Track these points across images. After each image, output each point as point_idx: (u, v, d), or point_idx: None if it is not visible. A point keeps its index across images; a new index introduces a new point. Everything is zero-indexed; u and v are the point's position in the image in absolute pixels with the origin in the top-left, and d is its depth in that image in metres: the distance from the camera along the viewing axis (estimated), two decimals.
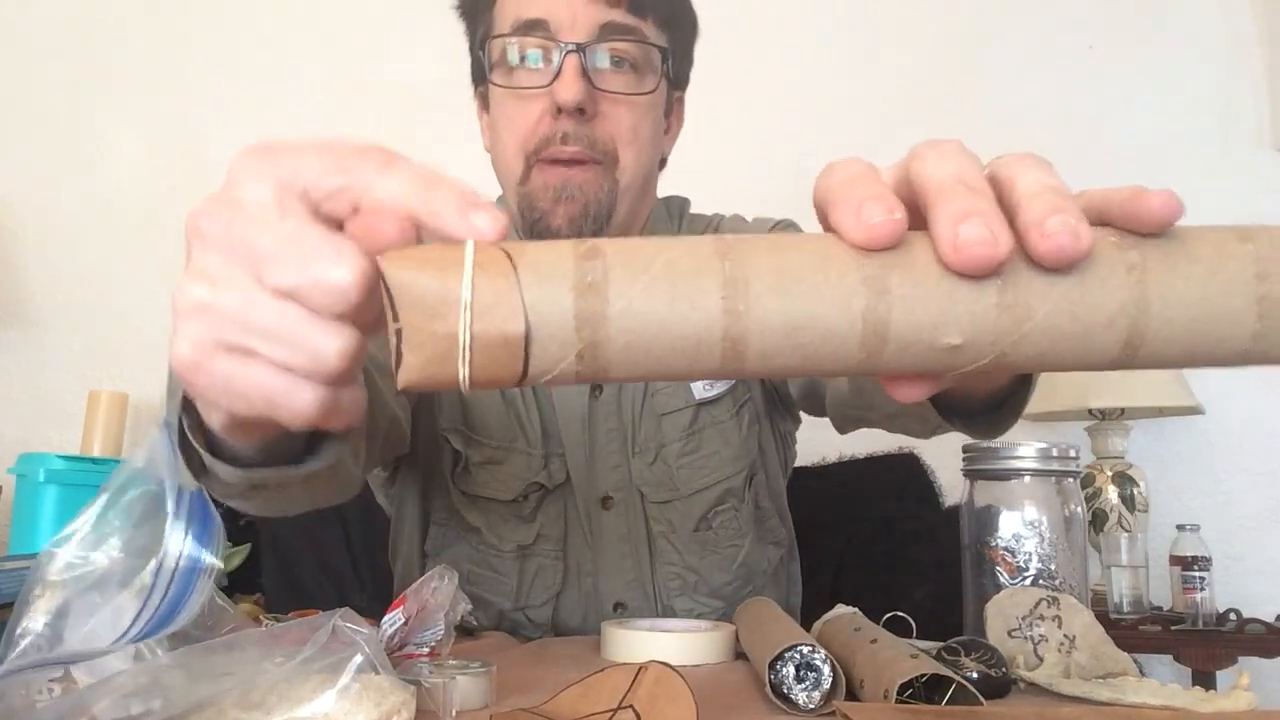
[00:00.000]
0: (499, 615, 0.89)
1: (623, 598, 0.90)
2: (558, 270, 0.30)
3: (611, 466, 0.90)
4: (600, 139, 0.80)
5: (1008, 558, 0.71)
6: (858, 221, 0.30)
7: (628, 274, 0.30)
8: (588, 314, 0.29)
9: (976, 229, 0.29)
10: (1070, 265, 0.30)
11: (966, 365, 0.31)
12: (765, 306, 0.30)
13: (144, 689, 0.37)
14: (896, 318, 0.30)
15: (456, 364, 0.30)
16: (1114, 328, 0.30)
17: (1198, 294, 0.31)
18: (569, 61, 0.77)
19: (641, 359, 0.30)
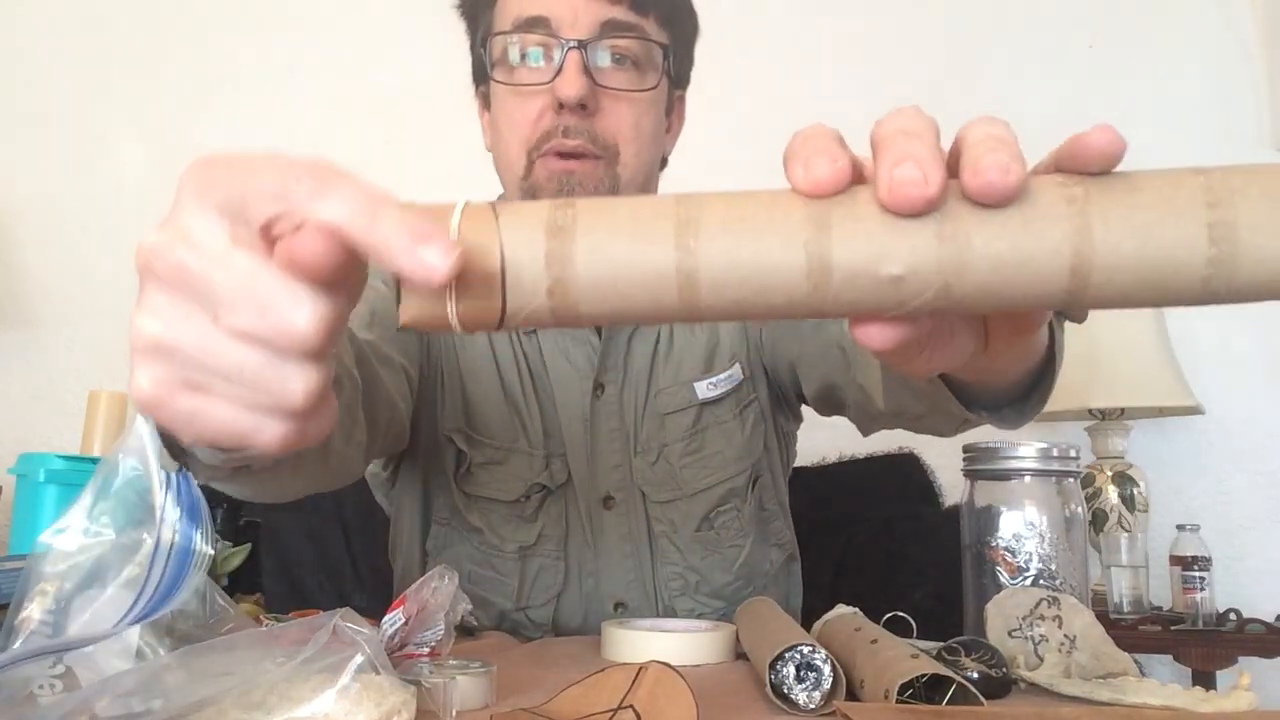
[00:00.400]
0: (500, 615, 0.89)
1: (623, 598, 0.90)
2: (533, 217, 0.33)
3: (613, 466, 0.90)
4: (601, 134, 0.80)
5: (1008, 558, 0.71)
6: (805, 171, 0.32)
7: (593, 218, 0.33)
8: (557, 253, 0.32)
9: (909, 170, 0.31)
10: (1003, 200, 0.31)
11: (913, 299, 0.32)
12: (714, 243, 0.32)
13: (145, 688, 0.37)
14: (838, 249, 0.32)
15: (446, 303, 0.33)
16: (1057, 255, 0.31)
17: (1143, 220, 0.31)
18: (571, 58, 0.77)
19: (607, 295, 0.33)
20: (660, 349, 0.92)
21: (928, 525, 1.29)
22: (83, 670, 0.40)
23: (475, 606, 0.88)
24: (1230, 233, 0.31)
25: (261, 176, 0.34)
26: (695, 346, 0.93)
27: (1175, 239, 0.31)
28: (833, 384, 0.82)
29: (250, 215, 0.34)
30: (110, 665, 0.40)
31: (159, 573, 0.39)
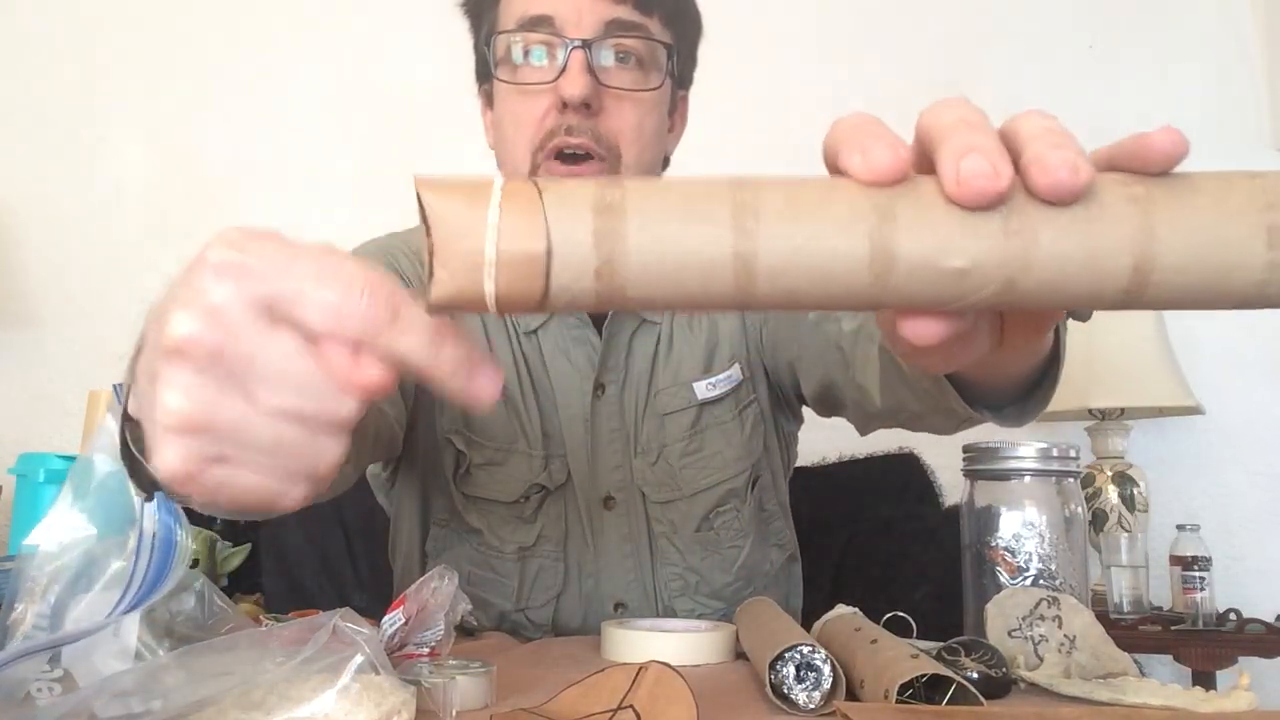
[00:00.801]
0: (499, 616, 0.89)
1: (623, 598, 0.90)
2: (580, 195, 0.31)
3: (613, 466, 0.90)
4: (605, 134, 0.80)
5: (1008, 558, 0.71)
6: (864, 159, 0.31)
7: (644, 197, 0.31)
8: (606, 230, 0.31)
9: (978, 162, 0.30)
10: (1071, 198, 0.31)
11: (975, 294, 0.31)
12: (774, 228, 0.31)
13: (144, 689, 0.37)
14: (903, 240, 0.31)
15: (483, 281, 0.31)
16: (1121, 254, 0.31)
17: (1204, 221, 0.31)
18: (574, 57, 0.77)
19: (657, 278, 0.31)
20: (660, 349, 0.92)
21: (928, 525, 1.29)
22: (81, 672, 0.40)
23: (475, 608, 0.88)
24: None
25: (318, 285, 0.32)
26: (695, 347, 0.93)
27: (1235, 241, 0.31)
28: (831, 383, 0.82)
29: (301, 319, 0.33)
30: (108, 666, 0.40)
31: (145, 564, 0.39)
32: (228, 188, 2.07)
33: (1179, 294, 0.32)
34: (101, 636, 0.41)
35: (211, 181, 2.08)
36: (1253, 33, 2.12)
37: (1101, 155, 0.33)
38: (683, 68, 0.89)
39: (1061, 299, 0.32)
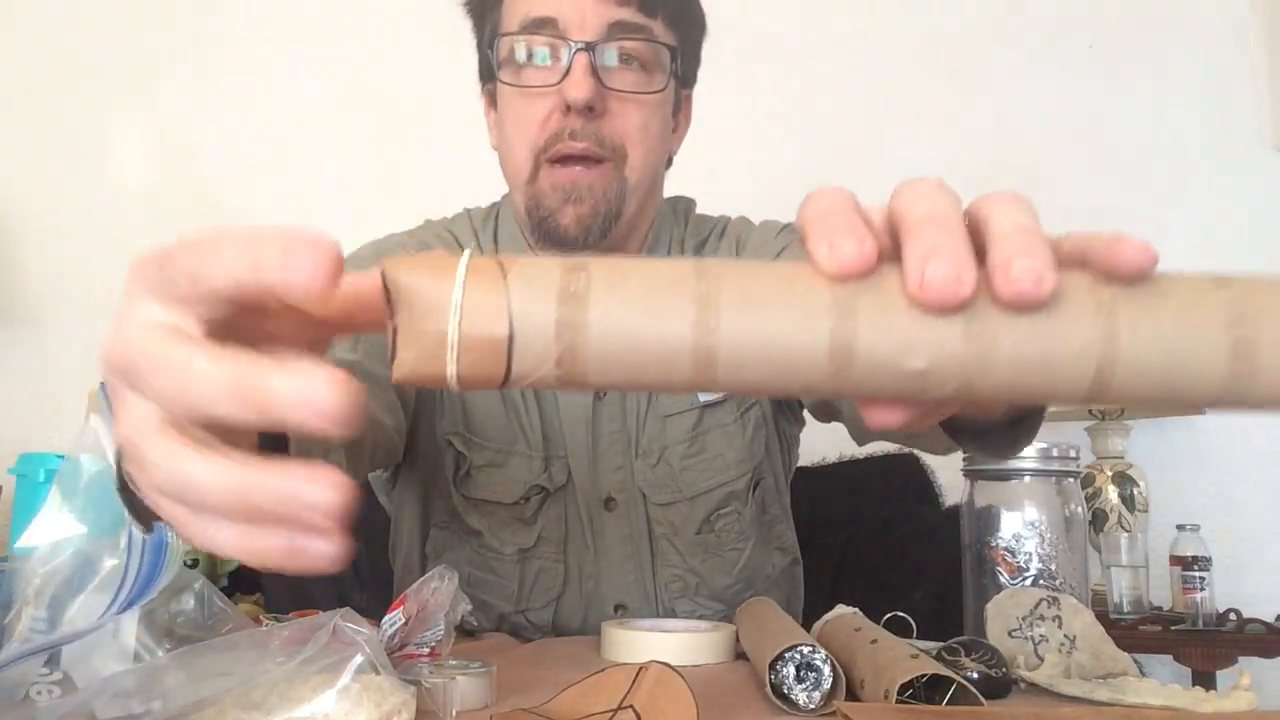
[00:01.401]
0: (499, 618, 0.89)
1: (623, 599, 0.90)
2: (544, 280, 0.31)
3: (614, 468, 0.90)
4: (609, 136, 0.80)
5: (1008, 558, 0.71)
6: (830, 251, 0.31)
7: (608, 285, 0.31)
8: (568, 320, 0.31)
9: (942, 268, 0.30)
10: (1035, 308, 0.31)
11: (934, 390, 0.32)
12: (735, 320, 0.31)
13: (144, 689, 0.37)
14: (862, 338, 0.31)
15: (445, 362, 0.31)
16: (1082, 361, 0.31)
17: (1169, 333, 0.31)
18: (578, 60, 0.77)
19: (617, 366, 0.32)
20: None
21: (928, 525, 1.29)
22: (80, 674, 0.40)
23: (474, 609, 0.88)
24: (1251, 350, 0.31)
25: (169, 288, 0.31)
26: None
27: (1198, 352, 0.31)
28: (825, 400, 0.82)
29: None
30: (107, 668, 0.40)
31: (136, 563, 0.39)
32: (228, 188, 2.07)
33: (1140, 397, 0.32)
34: (100, 638, 0.41)
35: (211, 181, 2.08)
36: (1253, 33, 2.12)
37: (1073, 246, 0.32)
38: (686, 68, 0.89)
39: (1020, 398, 0.32)
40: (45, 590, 0.40)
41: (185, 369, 0.29)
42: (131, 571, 0.39)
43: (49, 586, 0.40)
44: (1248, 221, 2.07)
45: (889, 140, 2.10)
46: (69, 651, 0.40)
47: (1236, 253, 2.05)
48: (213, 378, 0.29)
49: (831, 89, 2.12)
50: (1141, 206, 2.07)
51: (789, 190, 1.57)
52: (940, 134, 2.10)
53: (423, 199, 2.02)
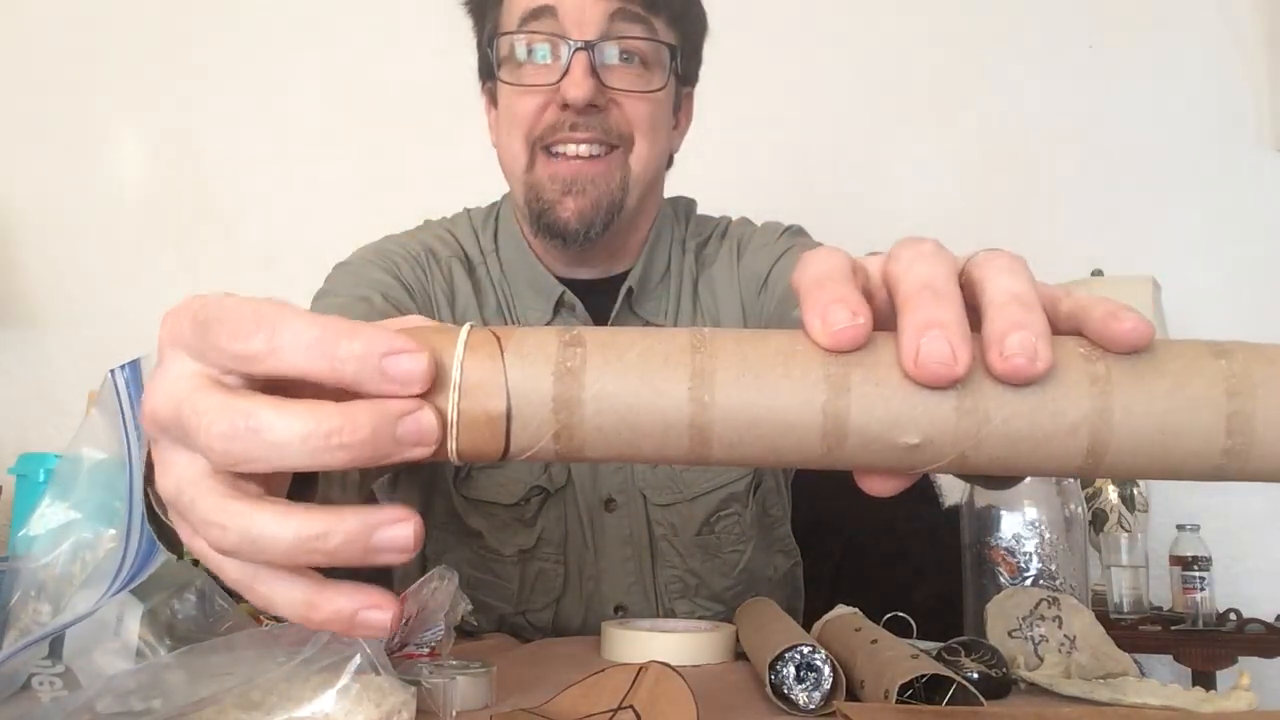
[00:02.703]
0: (499, 619, 0.89)
1: (623, 600, 0.90)
2: (540, 355, 0.32)
3: (615, 469, 0.89)
4: (614, 125, 0.80)
5: (1008, 558, 0.71)
6: (823, 324, 0.31)
7: (603, 360, 0.32)
8: (565, 397, 0.31)
9: (937, 344, 0.29)
10: (1028, 383, 0.30)
11: (927, 464, 0.32)
12: (730, 397, 0.31)
13: (145, 688, 0.37)
14: (855, 414, 0.31)
15: (445, 438, 0.31)
16: (1075, 436, 0.31)
17: (1163, 408, 0.31)
18: (577, 59, 0.77)
19: (614, 441, 0.32)
20: None
21: (928, 525, 1.29)
22: (81, 667, 0.40)
23: (475, 610, 0.87)
24: (1247, 424, 0.31)
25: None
26: None
27: (1194, 427, 0.31)
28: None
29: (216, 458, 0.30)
30: (109, 663, 0.40)
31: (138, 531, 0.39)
32: (228, 188, 2.07)
33: (1133, 470, 0.32)
34: (103, 634, 0.41)
35: (211, 181, 2.08)
36: (1253, 33, 2.12)
37: (1070, 309, 0.32)
38: (687, 66, 0.88)
39: (1013, 471, 0.32)
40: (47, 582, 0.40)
41: (251, 420, 0.28)
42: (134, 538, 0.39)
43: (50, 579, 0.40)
44: (1248, 221, 2.07)
45: (889, 140, 2.10)
46: (71, 645, 0.40)
47: (1236, 253, 2.05)
48: (282, 431, 0.28)
49: (831, 89, 2.12)
50: (1141, 206, 2.08)
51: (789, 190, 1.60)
52: (940, 134, 2.10)
53: (423, 199, 2.01)
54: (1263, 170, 2.08)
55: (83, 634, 0.40)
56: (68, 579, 0.39)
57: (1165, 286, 1.83)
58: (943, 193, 2.09)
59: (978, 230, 2.09)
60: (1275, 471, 0.32)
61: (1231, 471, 0.32)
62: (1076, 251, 1.97)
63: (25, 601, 0.39)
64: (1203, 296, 2.02)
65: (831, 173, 2.08)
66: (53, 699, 0.39)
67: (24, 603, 0.39)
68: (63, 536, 0.40)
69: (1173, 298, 1.85)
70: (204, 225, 2.06)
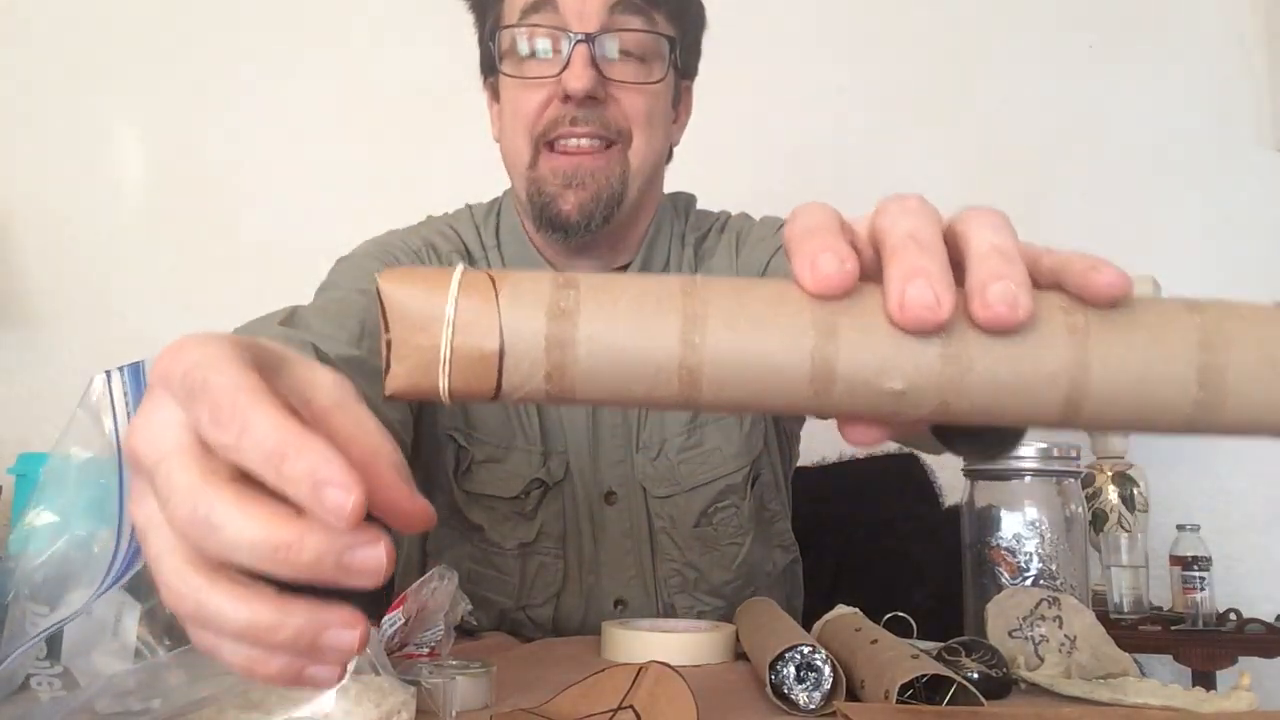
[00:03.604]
0: (500, 615, 0.89)
1: (623, 595, 0.90)
2: (534, 296, 0.32)
3: (615, 462, 0.90)
4: (613, 120, 0.81)
5: (1008, 558, 0.71)
6: (812, 271, 0.32)
7: (597, 303, 0.32)
8: (557, 338, 0.32)
9: (921, 291, 0.30)
10: (1009, 331, 0.31)
11: (911, 411, 0.32)
12: (720, 341, 0.32)
13: (144, 687, 0.37)
14: (843, 359, 0.32)
15: (437, 376, 0.32)
16: (1054, 386, 0.32)
17: (1139, 359, 0.32)
18: (578, 51, 0.78)
19: (605, 383, 0.32)
20: None
21: (928, 525, 1.29)
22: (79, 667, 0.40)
23: (475, 607, 0.87)
24: (1219, 377, 0.32)
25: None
26: None
27: (1167, 378, 0.32)
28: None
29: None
30: (107, 664, 0.40)
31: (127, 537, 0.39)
32: (228, 188, 2.07)
33: (1109, 421, 0.33)
34: (101, 634, 0.41)
35: (211, 181, 2.07)
36: (1253, 33, 2.12)
37: (1052, 264, 0.33)
38: (686, 59, 0.89)
39: (995, 419, 0.33)
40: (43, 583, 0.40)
41: (211, 515, 0.28)
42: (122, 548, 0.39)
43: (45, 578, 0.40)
44: (1248, 221, 2.07)
45: (889, 139, 2.10)
46: (69, 645, 0.40)
47: (1236, 253, 2.05)
48: (233, 534, 0.28)
49: (831, 87, 2.12)
50: (1141, 206, 2.07)
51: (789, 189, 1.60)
52: (940, 134, 2.10)
53: (422, 198, 2.01)
54: (1263, 170, 2.08)
55: (81, 634, 0.40)
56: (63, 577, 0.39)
57: (1165, 286, 1.83)
58: (943, 193, 2.06)
59: None
60: (1243, 425, 0.33)
61: (1202, 424, 0.33)
62: None
63: (21, 601, 0.39)
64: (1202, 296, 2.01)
65: (831, 172, 2.08)
66: (51, 699, 0.39)
67: (20, 602, 0.39)
68: (57, 534, 0.40)
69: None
70: (204, 225, 2.06)
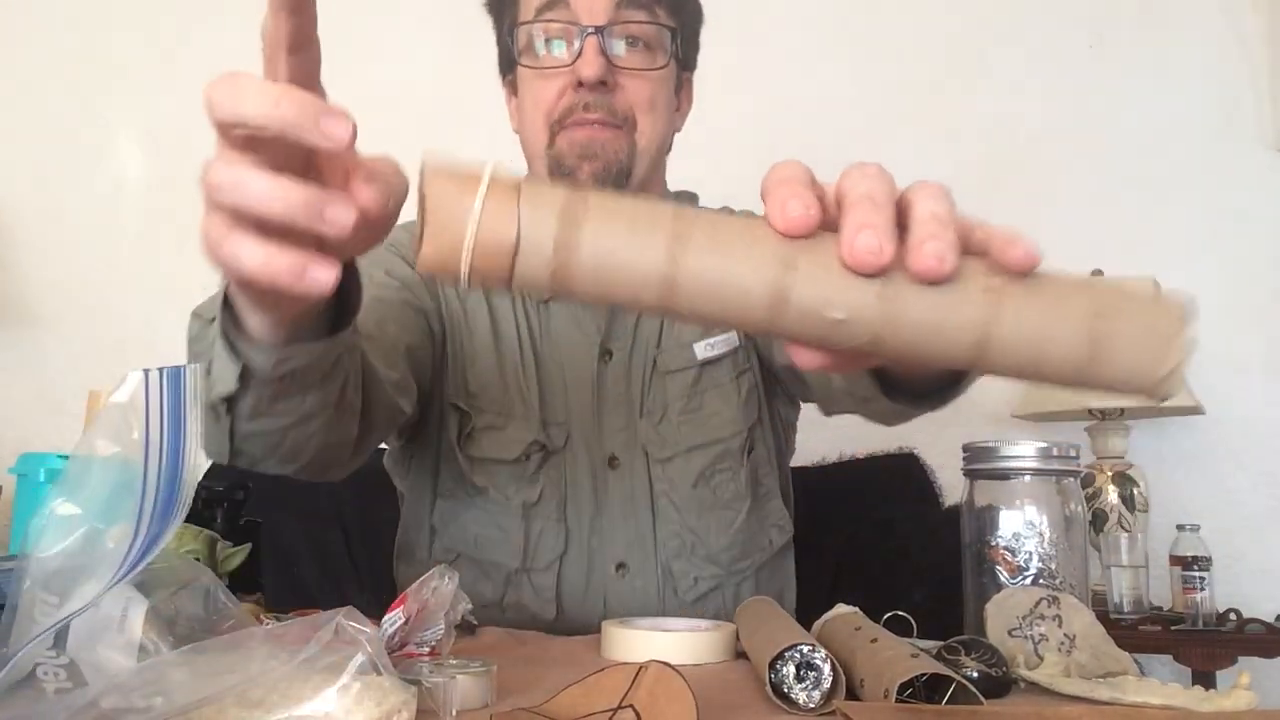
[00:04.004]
0: (505, 581, 0.92)
1: (625, 559, 0.93)
2: (550, 202, 0.38)
3: (618, 428, 0.95)
4: (620, 107, 0.89)
5: (1008, 557, 0.71)
6: (781, 211, 0.38)
7: (601, 215, 0.38)
8: (564, 240, 0.37)
9: (869, 239, 0.37)
10: (936, 281, 0.38)
11: (848, 340, 0.39)
12: (698, 259, 0.38)
13: (147, 684, 0.37)
14: (797, 289, 0.38)
15: (460, 260, 0.38)
16: (967, 332, 0.38)
17: (1040, 319, 0.38)
18: (589, 42, 0.87)
19: (600, 283, 0.38)
20: (666, 321, 0.96)
21: (928, 525, 1.29)
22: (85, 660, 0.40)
23: (480, 574, 0.92)
24: (1106, 340, 0.38)
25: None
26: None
27: (1062, 338, 0.38)
28: (789, 362, 0.88)
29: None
30: (112, 659, 0.41)
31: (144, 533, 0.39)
32: None
33: (1012, 370, 0.39)
34: (107, 628, 0.41)
35: None
36: (1253, 32, 2.12)
37: (981, 236, 0.39)
38: (686, 50, 0.97)
39: (915, 356, 0.39)
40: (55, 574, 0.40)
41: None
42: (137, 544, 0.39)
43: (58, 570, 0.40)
44: (1248, 221, 2.07)
45: (889, 139, 2.10)
46: (75, 637, 0.41)
47: (1237, 253, 2.05)
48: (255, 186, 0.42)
49: (831, 87, 2.12)
50: (1141, 206, 2.08)
51: None
52: (940, 134, 2.10)
53: None
54: (1263, 170, 2.08)
55: (87, 627, 0.41)
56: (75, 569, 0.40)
57: (1165, 286, 1.83)
58: None
59: None
60: (1125, 382, 0.39)
61: (1088, 376, 0.39)
62: (1076, 251, 1.97)
63: (34, 591, 0.40)
64: (1203, 296, 2.00)
65: (831, 172, 2.08)
66: (57, 690, 0.39)
67: (33, 592, 0.40)
68: (75, 527, 0.40)
69: None
70: None
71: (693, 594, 0.94)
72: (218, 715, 0.38)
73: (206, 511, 0.87)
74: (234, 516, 0.97)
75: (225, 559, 0.86)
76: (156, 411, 0.41)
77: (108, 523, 0.40)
